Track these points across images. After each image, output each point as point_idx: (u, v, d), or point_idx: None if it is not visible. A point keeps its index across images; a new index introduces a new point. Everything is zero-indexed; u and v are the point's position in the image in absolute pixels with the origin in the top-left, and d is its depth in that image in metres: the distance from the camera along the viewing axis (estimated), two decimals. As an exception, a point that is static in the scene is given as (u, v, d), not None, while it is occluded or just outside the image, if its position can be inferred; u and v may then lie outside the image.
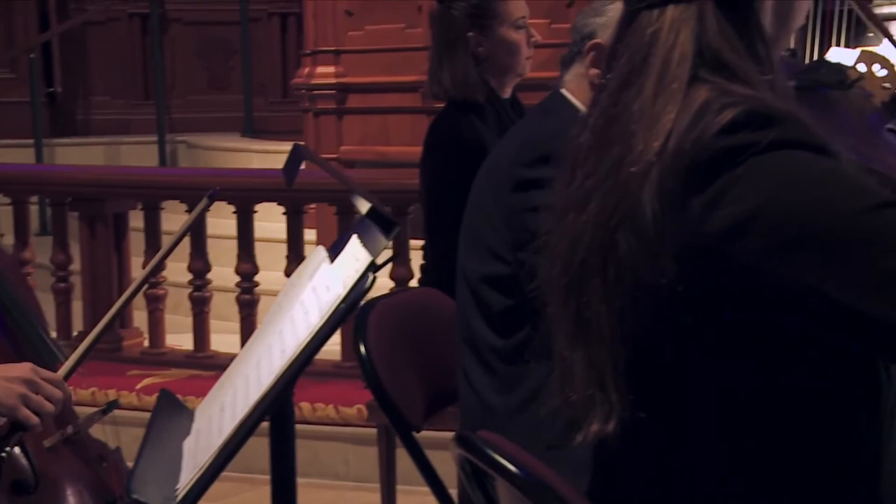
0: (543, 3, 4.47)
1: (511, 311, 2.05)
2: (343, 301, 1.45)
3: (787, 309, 1.04)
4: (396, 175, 4.17)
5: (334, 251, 1.64)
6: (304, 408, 3.76)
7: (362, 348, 2.04)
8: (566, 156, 1.18)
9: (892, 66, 1.40)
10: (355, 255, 1.54)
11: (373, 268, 1.46)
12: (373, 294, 2.33)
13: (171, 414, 1.68)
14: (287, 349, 1.50)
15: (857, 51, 3.28)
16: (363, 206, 1.54)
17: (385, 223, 1.51)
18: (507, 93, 2.96)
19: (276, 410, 1.54)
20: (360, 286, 1.44)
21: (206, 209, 2.07)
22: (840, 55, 3.13)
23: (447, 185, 2.69)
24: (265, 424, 1.50)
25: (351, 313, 1.47)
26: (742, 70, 1.09)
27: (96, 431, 2.10)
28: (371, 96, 5.17)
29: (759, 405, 1.11)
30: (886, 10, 3.03)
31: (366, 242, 1.52)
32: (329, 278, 1.57)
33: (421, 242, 3.04)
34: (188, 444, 1.58)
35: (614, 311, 1.10)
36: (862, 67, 1.41)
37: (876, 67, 1.41)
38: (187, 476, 1.44)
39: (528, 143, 2.05)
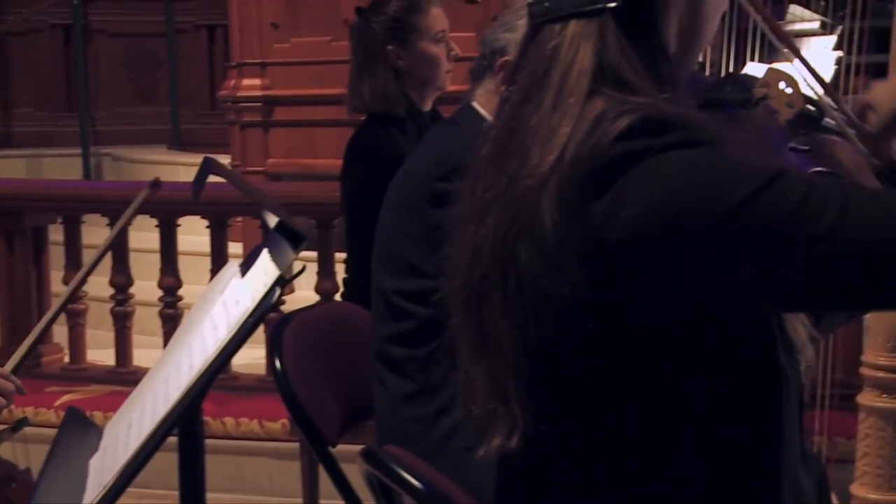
0: (470, 16, 4.49)
1: (428, 321, 2.05)
2: (250, 316, 1.44)
3: (701, 298, 1.05)
4: (323, 188, 4.15)
5: (246, 265, 1.63)
6: (227, 423, 3.73)
7: (277, 363, 2.02)
8: (470, 168, 1.18)
9: (797, 84, 1.41)
10: (265, 269, 1.53)
11: (281, 282, 1.45)
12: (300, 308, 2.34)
13: (79, 432, 1.65)
14: (196, 364, 1.49)
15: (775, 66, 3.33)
16: (272, 219, 1.53)
17: (294, 237, 1.50)
18: (427, 106, 2.97)
19: (185, 426, 1.52)
20: (268, 300, 1.43)
21: (147, 199, 2.05)
22: (755, 70, 3.17)
23: (367, 198, 2.68)
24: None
25: (257, 328, 1.45)
26: (641, 89, 1.09)
27: (5, 451, 2.05)
28: (298, 109, 5.15)
29: (664, 412, 1.12)
30: (798, 26, 3.09)
31: (275, 256, 1.52)
32: (239, 293, 1.56)
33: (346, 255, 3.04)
34: (94, 463, 1.55)
35: (515, 324, 1.10)
36: (770, 85, 1.42)
37: (782, 85, 1.41)
38: (91, 495, 1.42)
39: (442, 156, 2.05)
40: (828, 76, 2.86)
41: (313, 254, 4.14)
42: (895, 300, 1.07)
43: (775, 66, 1.55)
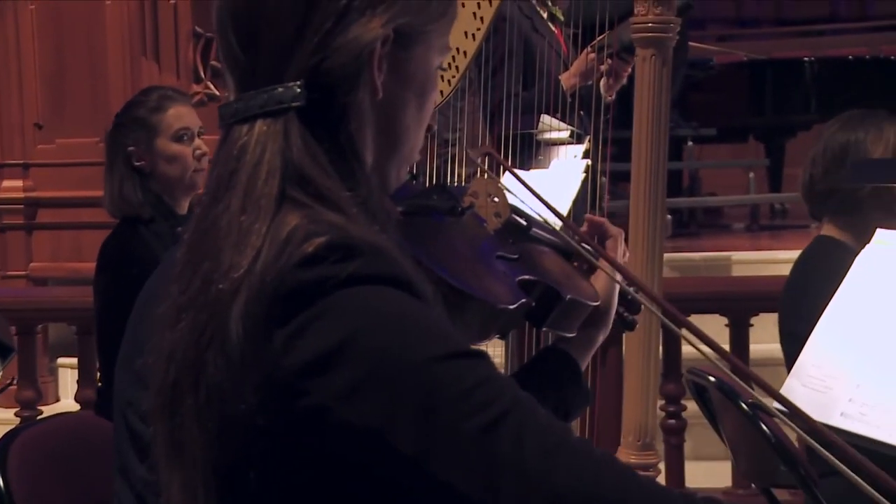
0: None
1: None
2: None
3: (357, 450, 1.02)
4: (87, 293, 4.00)
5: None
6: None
7: (0, 483, 1.89)
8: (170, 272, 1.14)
9: (504, 194, 1.45)
10: (-29, 383, 1.44)
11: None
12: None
13: None
14: None
15: (532, 172, 3.44)
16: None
17: (2, 349, 1.42)
18: (183, 208, 2.89)
19: None
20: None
21: None
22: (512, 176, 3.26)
23: (116, 304, 2.59)
24: None
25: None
26: (325, 187, 1.08)
27: None
28: (63, 211, 5.00)
29: None
30: (548, 135, 3.21)
31: (-18, 369, 1.43)
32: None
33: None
34: None
35: (205, 434, 1.06)
36: (477, 195, 1.44)
37: (489, 195, 1.44)
38: None
39: None
40: (577, 182, 2.98)
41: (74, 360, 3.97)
42: None
43: (482, 178, 1.58)
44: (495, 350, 3.19)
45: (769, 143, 7.43)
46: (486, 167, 1.45)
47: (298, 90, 1.09)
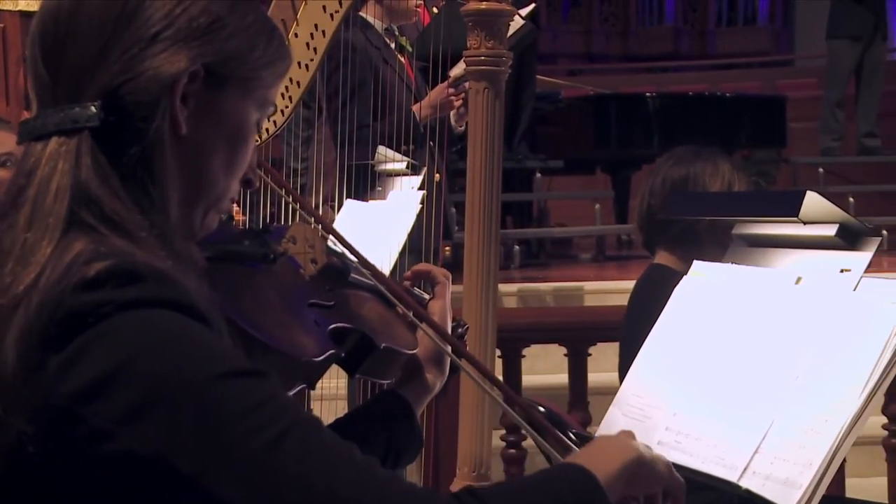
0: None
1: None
2: None
3: (137, 473, 1.00)
4: None
5: None
6: None
7: None
8: None
9: (321, 240, 1.44)
10: None
11: None
12: None
13: None
14: None
15: (370, 203, 3.41)
16: None
17: None
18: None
19: None
20: None
21: None
22: (354, 208, 3.25)
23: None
24: None
25: None
26: (113, 210, 1.07)
27: None
28: None
29: None
30: (384, 166, 3.21)
31: None
32: None
33: None
34: None
35: None
36: (295, 240, 1.43)
37: (307, 241, 1.43)
38: None
39: None
40: (412, 215, 2.98)
41: None
42: None
43: (300, 223, 1.56)
44: (339, 383, 3.16)
45: (615, 176, 7.61)
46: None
47: (94, 110, 1.09)
